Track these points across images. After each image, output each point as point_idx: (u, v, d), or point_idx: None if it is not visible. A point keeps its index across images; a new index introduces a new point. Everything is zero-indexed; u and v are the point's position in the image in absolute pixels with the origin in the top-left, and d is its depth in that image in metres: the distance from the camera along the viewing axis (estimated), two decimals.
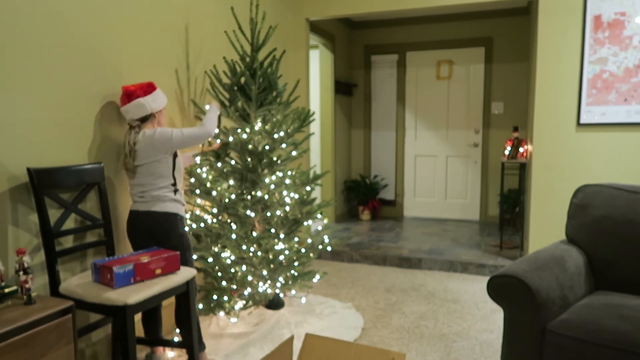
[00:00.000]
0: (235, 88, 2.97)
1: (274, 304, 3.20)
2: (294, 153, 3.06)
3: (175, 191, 2.42)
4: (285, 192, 2.98)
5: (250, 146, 2.90)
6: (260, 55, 3.29)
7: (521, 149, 4.55)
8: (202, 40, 3.25)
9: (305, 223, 3.09)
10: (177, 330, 2.57)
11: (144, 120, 2.36)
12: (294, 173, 3.08)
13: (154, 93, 2.38)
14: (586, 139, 3.65)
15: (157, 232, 2.35)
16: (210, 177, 2.93)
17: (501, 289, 2.00)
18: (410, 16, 5.93)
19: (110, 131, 2.51)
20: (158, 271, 2.10)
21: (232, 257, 2.87)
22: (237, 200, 2.89)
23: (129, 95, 2.33)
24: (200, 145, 2.87)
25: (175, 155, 2.42)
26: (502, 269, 2.04)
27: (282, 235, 2.98)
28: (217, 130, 2.78)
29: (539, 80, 3.73)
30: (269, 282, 2.99)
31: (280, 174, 2.99)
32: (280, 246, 2.92)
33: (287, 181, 3.01)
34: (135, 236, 2.39)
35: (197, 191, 2.90)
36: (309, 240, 3.17)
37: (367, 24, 6.20)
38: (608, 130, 3.59)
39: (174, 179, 2.41)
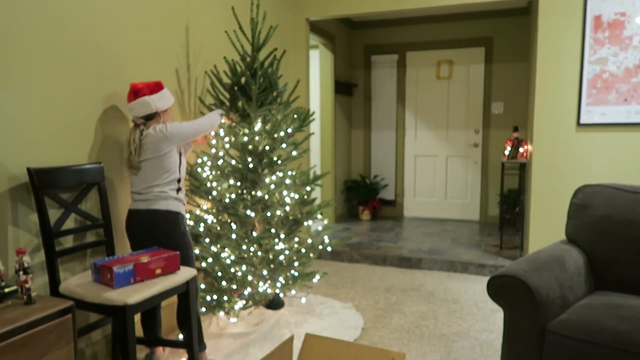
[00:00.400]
0: (236, 88, 2.97)
1: (274, 304, 3.20)
2: (294, 153, 3.06)
3: (178, 190, 2.42)
4: (285, 192, 2.98)
5: (250, 146, 2.90)
6: (261, 55, 3.29)
7: (521, 149, 4.55)
8: (203, 40, 3.25)
9: (305, 223, 3.09)
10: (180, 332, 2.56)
11: (149, 118, 2.38)
12: (294, 173, 3.08)
13: (160, 92, 2.40)
14: (586, 139, 3.65)
15: (158, 231, 2.34)
16: (210, 177, 2.93)
17: (501, 289, 2.00)
18: (410, 16, 5.93)
19: (110, 131, 2.51)
20: (158, 271, 2.10)
21: (232, 257, 2.87)
22: (237, 200, 2.89)
23: (136, 92, 2.35)
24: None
25: (180, 154, 2.45)
26: (502, 269, 2.04)
27: (282, 236, 2.98)
28: (223, 120, 2.86)
29: (539, 80, 3.73)
30: (269, 282, 2.99)
31: (280, 174, 2.99)
32: (280, 246, 2.92)
33: (287, 181, 3.01)
34: (133, 236, 2.39)
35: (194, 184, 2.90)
36: (309, 241, 3.17)
37: (367, 24, 6.20)
38: (608, 130, 3.59)
39: (179, 174, 2.42)
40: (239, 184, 2.95)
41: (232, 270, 2.87)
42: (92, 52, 2.38)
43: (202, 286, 2.97)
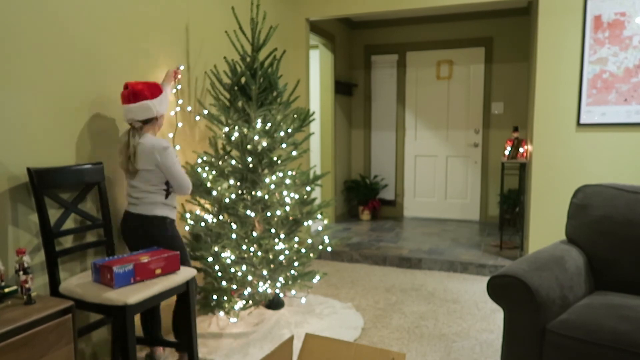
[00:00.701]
0: (236, 88, 2.97)
1: (274, 304, 3.20)
2: (294, 153, 3.06)
3: (168, 194, 2.39)
4: (285, 192, 2.98)
5: (250, 146, 2.90)
6: (261, 55, 3.29)
7: (521, 149, 4.55)
8: (203, 40, 3.25)
9: (305, 223, 3.09)
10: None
11: (146, 122, 2.32)
12: (294, 173, 3.08)
13: (160, 96, 2.33)
14: (586, 139, 3.65)
15: (146, 235, 2.35)
16: (210, 177, 2.93)
17: (501, 289, 2.00)
18: (410, 16, 5.93)
19: (110, 131, 2.50)
20: (158, 271, 2.10)
21: (232, 257, 2.87)
22: (237, 200, 2.89)
23: (136, 94, 2.25)
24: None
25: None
26: (502, 269, 2.04)
27: (282, 235, 2.98)
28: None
29: (539, 80, 3.73)
30: (269, 282, 2.99)
31: (280, 174, 2.99)
32: (280, 246, 2.92)
33: (287, 181, 3.01)
34: (126, 237, 2.41)
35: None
36: (309, 241, 3.17)
37: (367, 24, 6.20)
38: (608, 130, 3.59)
39: (167, 186, 2.38)
40: (239, 184, 2.95)
41: (232, 270, 2.87)
42: (92, 52, 2.38)
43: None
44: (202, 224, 2.89)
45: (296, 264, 3.07)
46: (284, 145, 3.01)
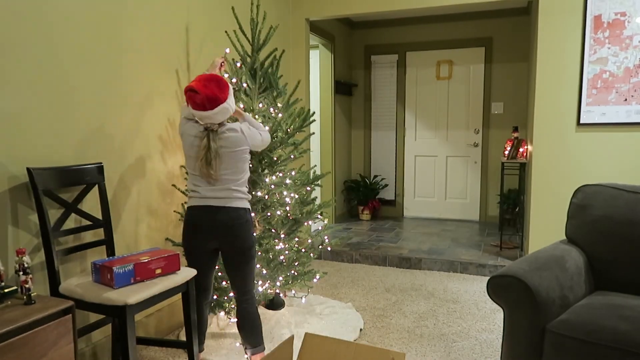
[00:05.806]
0: (236, 88, 2.97)
1: (274, 304, 3.20)
2: (292, 157, 3.06)
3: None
4: (285, 192, 2.98)
5: None
6: (261, 56, 3.29)
7: (521, 149, 4.55)
8: (202, 40, 3.25)
9: (305, 223, 3.09)
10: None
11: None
12: (294, 173, 3.08)
13: (229, 91, 2.22)
14: (586, 139, 3.65)
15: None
16: None
17: (501, 289, 2.00)
18: (410, 16, 5.93)
19: (110, 131, 2.50)
20: (158, 271, 2.10)
21: None
22: None
23: (211, 101, 2.13)
24: None
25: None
26: (502, 269, 2.04)
27: (282, 235, 2.98)
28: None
29: (539, 80, 3.73)
30: (269, 282, 2.99)
31: (280, 174, 2.99)
32: (280, 246, 2.92)
33: (287, 181, 3.01)
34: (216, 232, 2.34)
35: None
36: (309, 240, 3.17)
37: (367, 24, 6.20)
38: (608, 130, 3.59)
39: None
40: None
41: None
42: (92, 53, 2.38)
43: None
44: None
45: (296, 263, 3.07)
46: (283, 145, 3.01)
